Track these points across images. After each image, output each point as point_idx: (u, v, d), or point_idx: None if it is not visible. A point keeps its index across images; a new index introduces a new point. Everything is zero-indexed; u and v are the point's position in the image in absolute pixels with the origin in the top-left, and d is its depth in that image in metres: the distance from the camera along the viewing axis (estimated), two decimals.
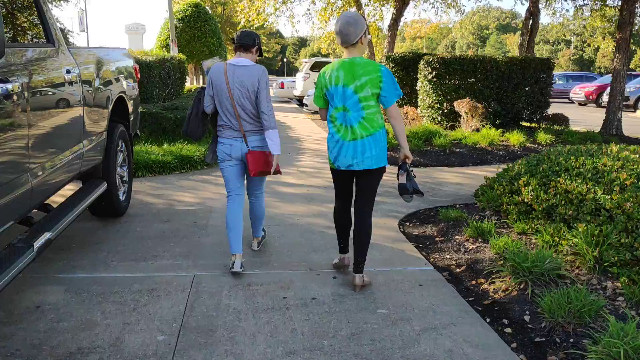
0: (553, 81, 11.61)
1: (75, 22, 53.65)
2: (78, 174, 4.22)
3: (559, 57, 73.41)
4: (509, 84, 10.90)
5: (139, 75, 6.20)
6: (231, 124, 3.68)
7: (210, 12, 32.84)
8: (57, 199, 4.92)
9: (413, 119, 10.83)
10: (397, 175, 3.63)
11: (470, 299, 3.56)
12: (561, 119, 11.06)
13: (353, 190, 3.68)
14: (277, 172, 3.77)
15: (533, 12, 12.66)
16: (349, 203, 3.74)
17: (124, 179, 5.40)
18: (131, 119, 5.66)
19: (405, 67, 12.35)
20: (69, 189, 5.30)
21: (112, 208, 5.00)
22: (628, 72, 28.12)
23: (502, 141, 9.44)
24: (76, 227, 4.84)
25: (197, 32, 21.31)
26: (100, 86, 4.61)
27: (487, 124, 10.05)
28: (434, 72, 10.75)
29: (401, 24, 14.83)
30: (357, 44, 3.35)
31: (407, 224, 5.27)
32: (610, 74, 27.25)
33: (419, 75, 11.37)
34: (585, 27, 14.32)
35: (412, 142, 8.93)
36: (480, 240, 4.49)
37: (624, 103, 22.16)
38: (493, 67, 10.78)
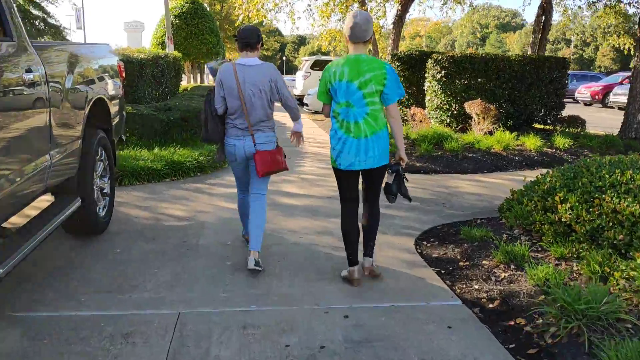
0: (568, 81, 11.00)
1: (73, 19, 53.16)
2: (44, 190, 3.61)
3: (559, 56, 72.63)
4: (522, 84, 10.29)
5: (124, 74, 5.59)
6: (236, 123, 3.71)
7: (208, 8, 32.21)
8: (18, 220, 4.30)
9: (421, 121, 10.22)
10: (387, 175, 3.62)
11: (510, 345, 2.95)
12: (577, 121, 10.46)
13: (359, 194, 3.67)
14: (284, 168, 3.86)
15: (545, 9, 12.06)
16: (356, 209, 3.66)
17: (105, 191, 4.79)
18: (114, 123, 5.04)
19: (412, 65, 11.73)
20: (35, 206, 4.69)
21: (88, 225, 4.39)
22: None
23: (518, 145, 8.83)
24: (45, 247, 4.22)
25: (194, 29, 20.66)
26: (74, 87, 3.99)
27: (499, 127, 9.44)
28: (443, 72, 10.14)
29: (407, 20, 14.22)
30: (367, 42, 3.42)
31: (425, 243, 4.66)
32: (616, 74, 26.65)
33: (426, 75, 10.75)
34: (599, 25, 13.74)
35: (422, 146, 8.32)
36: (512, 266, 3.88)
37: None
38: (506, 67, 10.17)
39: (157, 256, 4.13)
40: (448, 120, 10.28)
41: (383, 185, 3.62)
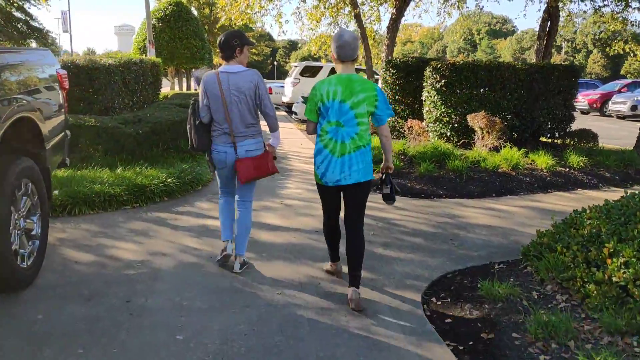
0: (577, 91, 10.15)
1: (61, 22, 52.06)
2: None
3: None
4: (529, 95, 9.42)
5: (66, 85, 4.62)
6: (224, 131, 3.73)
7: (196, 13, 31.24)
8: None
9: (418, 135, 9.32)
10: (381, 187, 3.74)
11: None
12: (588, 135, 9.59)
13: (341, 203, 3.65)
14: (273, 172, 3.84)
15: (552, 14, 11.22)
16: (338, 215, 3.73)
17: (33, 233, 3.81)
18: (47, 147, 4.07)
19: (408, 73, 10.84)
20: None
21: (3, 280, 3.41)
22: (634, 80, 26.94)
23: (527, 164, 7.94)
24: None
25: (177, 33, 19.64)
26: None
27: (505, 142, 8.56)
28: (443, 81, 9.24)
29: (400, 25, 13.32)
30: (355, 60, 3.43)
31: (434, 300, 3.72)
32: (614, 82, 25.96)
33: (424, 84, 9.86)
34: (589, 32, 12.99)
35: (422, 165, 7.40)
36: (554, 345, 2.94)
37: (632, 112, 20.98)
38: (511, 76, 9.29)
39: (88, 327, 3.15)
40: (448, 134, 9.38)
41: (382, 196, 3.80)
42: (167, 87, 22.67)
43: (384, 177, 3.71)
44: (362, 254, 3.54)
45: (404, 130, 9.82)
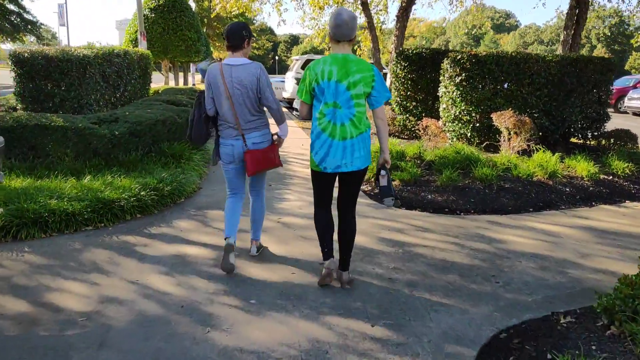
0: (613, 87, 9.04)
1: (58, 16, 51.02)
2: None
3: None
4: (561, 91, 8.32)
5: None
6: (230, 124, 3.68)
7: (194, 6, 30.15)
8: None
9: (435, 135, 8.25)
10: (378, 179, 3.49)
11: None
12: (626, 136, 8.50)
13: (333, 191, 3.55)
14: (277, 165, 3.84)
15: (580, 1, 10.10)
16: (330, 206, 3.59)
17: None
18: None
19: (422, 66, 9.75)
20: None
21: None
22: None
23: (565, 170, 6.84)
24: None
25: (171, 24, 18.48)
26: None
27: (537, 144, 7.47)
28: (464, 74, 8.15)
29: (411, 15, 12.21)
30: (352, 41, 3.29)
31: None
32: (627, 77, 24.80)
33: (441, 78, 8.77)
34: (593, 27, 11.93)
35: (444, 173, 6.31)
36: None
37: None
38: (541, 69, 8.19)
39: None
40: (468, 135, 8.30)
41: (379, 193, 3.63)
42: (161, 82, 21.55)
43: (382, 172, 3.45)
44: (352, 239, 3.54)
45: (418, 130, 8.74)
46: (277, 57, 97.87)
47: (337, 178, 3.48)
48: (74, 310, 3.18)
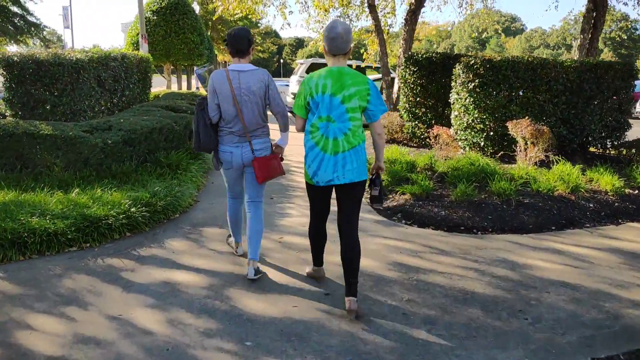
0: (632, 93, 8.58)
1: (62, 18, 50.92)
2: None
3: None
4: (579, 98, 7.88)
5: None
6: (232, 131, 3.63)
7: (198, 9, 29.86)
8: None
9: (446, 144, 7.83)
10: (370, 188, 3.50)
11: None
12: None
13: (330, 205, 3.52)
14: (281, 173, 3.76)
15: (598, 3, 9.66)
16: (326, 217, 3.56)
17: None
18: None
19: (432, 71, 9.32)
20: None
21: None
22: None
23: (588, 184, 6.39)
24: None
25: (174, 27, 18.10)
26: None
27: (555, 155, 7.03)
28: (477, 80, 7.73)
29: (420, 18, 11.78)
30: (347, 54, 3.25)
31: None
32: (638, 81, 24.28)
33: (452, 84, 8.35)
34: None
35: (458, 187, 5.89)
36: None
37: None
38: (559, 75, 7.76)
39: None
40: (482, 144, 7.86)
41: (369, 198, 3.58)
42: (164, 86, 21.21)
43: (373, 177, 3.51)
44: (358, 260, 3.32)
45: (428, 139, 8.32)
46: (282, 61, 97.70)
47: (332, 193, 3.44)
48: (43, 355, 2.77)
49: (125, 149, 6.42)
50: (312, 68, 16.97)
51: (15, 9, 34.54)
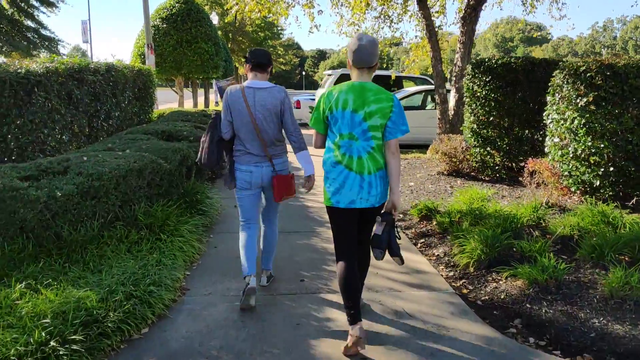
0: None
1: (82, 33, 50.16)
2: None
3: None
4: None
5: None
6: (250, 150, 3.51)
7: (216, 20, 28.05)
8: None
9: (545, 184, 5.53)
10: (375, 224, 3.08)
11: None
12: None
13: (356, 239, 3.09)
14: (293, 194, 3.63)
15: None
16: (355, 257, 3.07)
17: None
18: None
19: (510, 82, 7.04)
20: None
21: None
22: None
23: None
24: None
25: (185, 36, 16.11)
26: None
27: None
28: (592, 94, 5.43)
29: (480, 17, 9.44)
30: (373, 68, 3.03)
31: None
32: None
33: (549, 99, 6.06)
34: (631, 38, 9.07)
35: (614, 274, 3.56)
36: None
37: None
38: None
39: None
40: (597, 183, 5.53)
41: (371, 236, 3.07)
42: (175, 102, 19.22)
43: (384, 217, 2.99)
44: (366, 269, 3.28)
45: (506, 171, 6.02)
46: (304, 73, 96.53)
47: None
48: None
49: (83, 204, 4.26)
50: (342, 79, 14.86)
51: (29, 22, 33.36)
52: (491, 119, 7.23)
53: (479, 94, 7.28)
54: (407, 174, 8.05)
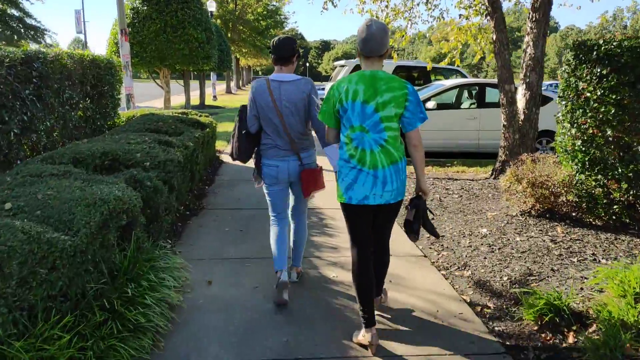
0: None
1: (77, 23, 47.59)
2: None
3: None
4: None
5: None
6: (276, 144, 3.44)
7: (214, 8, 25.42)
8: None
9: None
10: (407, 211, 3.07)
11: None
12: None
13: (371, 238, 3.04)
14: (323, 187, 3.55)
15: None
16: (371, 253, 3.01)
17: None
18: None
19: (629, 72, 4.52)
20: None
21: None
22: None
23: None
24: None
25: (170, 20, 13.51)
26: None
27: None
28: None
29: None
30: (383, 56, 2.88)
31: None
32: None
33: None
34: None
35: None
36: None
37: None
38: None
39: None
40: None
41: (403, 222, 3.11)
42: (161, 98, 16.66)
43: (414, 204, 3.00)
44: (386, 268, 3.20)
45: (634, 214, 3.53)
46: (307, 64, 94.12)
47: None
48: None
49: None
50: (357, 70, 12.38)
51: (13, 11, 30.81)
52: (608, 132, 4.70)
53: (591, 95, 4.75)
54: (469, 210, 5.55)
